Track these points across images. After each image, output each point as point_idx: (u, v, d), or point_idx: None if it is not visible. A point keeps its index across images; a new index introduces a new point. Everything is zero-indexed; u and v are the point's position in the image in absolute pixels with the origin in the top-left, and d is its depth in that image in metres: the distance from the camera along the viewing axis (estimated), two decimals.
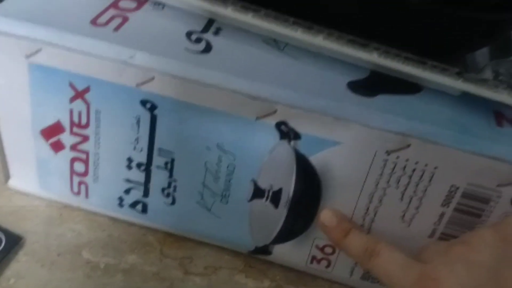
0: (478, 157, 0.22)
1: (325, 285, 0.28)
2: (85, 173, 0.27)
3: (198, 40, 0.25)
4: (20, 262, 0.27)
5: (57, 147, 0.26)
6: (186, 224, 0.28)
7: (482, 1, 0.22)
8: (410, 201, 0.24)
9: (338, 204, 0.25)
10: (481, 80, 0.22)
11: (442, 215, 0.24)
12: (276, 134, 0.23)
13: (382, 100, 0.23)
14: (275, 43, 0.25)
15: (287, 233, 0.26)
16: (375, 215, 0.25)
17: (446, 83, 0.22)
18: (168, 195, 0.26)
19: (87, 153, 0.26)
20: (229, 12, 0.24)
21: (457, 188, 0.23)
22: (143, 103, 0.24)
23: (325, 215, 0.25)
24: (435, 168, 0.22)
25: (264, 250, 0.27)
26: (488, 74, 0.23)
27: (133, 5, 0.26)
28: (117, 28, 0.24)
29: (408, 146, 0.22)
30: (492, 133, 0.22)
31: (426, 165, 0.22)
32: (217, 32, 0.25)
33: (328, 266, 0.27)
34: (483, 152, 0.22)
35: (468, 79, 0.22)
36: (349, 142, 0.23)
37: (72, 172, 0.27)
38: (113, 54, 0.23)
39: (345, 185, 0.24)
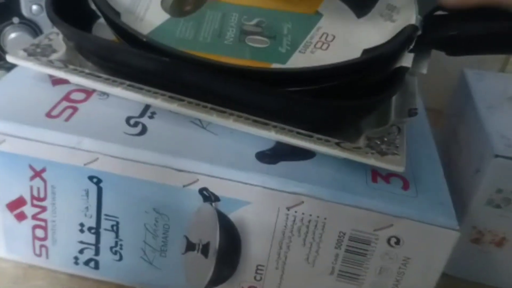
0: (355, 209, 0.28)
1: None
2: (45, 238, 0.32)
3: (136, 124, 0.30)
4: None
5: (21, 217, 0.31)
6: (133, 277, 0.33)
7: (350, 91, 0.29)
8: (311, 246, 0.29)
9: (256, 252, 0.30)
10: (355, 148, 0.29)
11: (337, 255, 0.29)
12: (200, 198, 0.29)
13: (282, 166, 0.29)
14: (200, 122, 0.31)
15: (217, 279, 0.31)
16: (286, 258, 0.30)
17: (327, 152, 0.28)
18: (116, 252, 0.31)
19: (46, 221, 0.31)
20: (158, 103, 0.30)
21: (344, 233, 0.29)
22: (91, 178, 0.29)
23: None
24: (325, 219, 0.28)
25: None
26: (362, 142, 0.30)
27: (83, 96, 0.32)
28: (67, 119, 0.30)
29: (302, 202, 0.28)
30: (366, 189, 0.28)
31: (318, 217, 0.28)
32: (152, 116, 0.31)
33: None
34: (358, 205, 0.28)
35: (344, 147, 0.28)
36: (257, 201, 0.28)
37: (34, 237, 0.32)
38: (64, 141, 0.28)
39: (259, 235, 0.30)
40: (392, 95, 0.30)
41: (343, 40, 0.36)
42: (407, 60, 0.30)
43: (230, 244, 0.30)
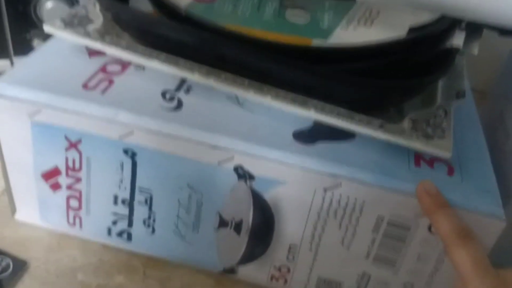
0: (396, 193, 0.27)
1: None
2: (79, 208, 0.32)
3: (171, 99, 0.30)
4: (25, 284, 0.32)
5: (55, 187, 0.31)
6: (165, 250, 0.33)
7: (396, 71, 0.27)
8: (347, 229, 0.29)
9: (289, 231, 0.30)
10: (399, 131, 0.27)
11: (373, 240, 0.29)
12: (234, 176, 0.28)
13: (320, 147, 0.28)
14: (236, 98, 0.30)
15: (249, 256, 0.31)
16: (320, 240, 0.29)
17: (369, 133, 0.27)
18: (148, 225, 0.31)
19: (80, 192, 0.31)
20: (195, 77, 0.29)
21: (383, 218, 0.28)
22: (125, 151, 0.29)
23: (427, 182, 0.26)
24: (363, 202, 0.27)
25: (231, 270, 0.32)
26: (407, 124, 0.28)
27: (118, 68, 0.31)
28: (104, 91, 0.29)
29: (340, 185, 0.27)
30: (408, 173, 0.27)
31: (355, 199, 0.27)
32: (188, 90, 0.31)
33: (285, 283, 0.32)
34: (399, 189, 0.27)
35: (387, 130, 0.27)
36: (293, 182, 0.28)
37: (68, 207, 0.32)
38: (100, 113, 0.28)
39: (293, 216, 0.29)
40: (442, 76, 0.28)
41: (388, 17, 0.34)
42: (458, 39, 0.29)
43: (263, 223, 0.30)
